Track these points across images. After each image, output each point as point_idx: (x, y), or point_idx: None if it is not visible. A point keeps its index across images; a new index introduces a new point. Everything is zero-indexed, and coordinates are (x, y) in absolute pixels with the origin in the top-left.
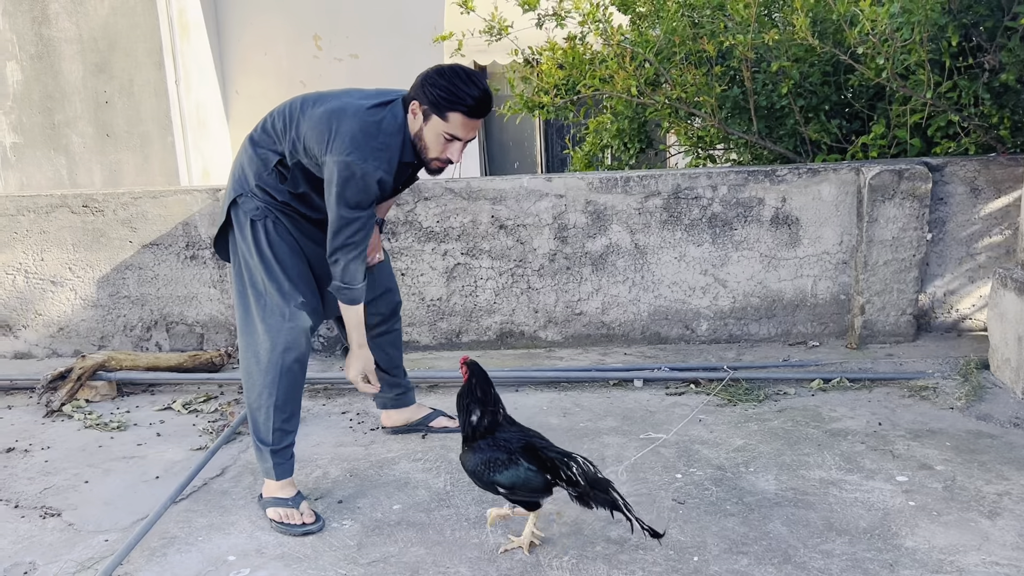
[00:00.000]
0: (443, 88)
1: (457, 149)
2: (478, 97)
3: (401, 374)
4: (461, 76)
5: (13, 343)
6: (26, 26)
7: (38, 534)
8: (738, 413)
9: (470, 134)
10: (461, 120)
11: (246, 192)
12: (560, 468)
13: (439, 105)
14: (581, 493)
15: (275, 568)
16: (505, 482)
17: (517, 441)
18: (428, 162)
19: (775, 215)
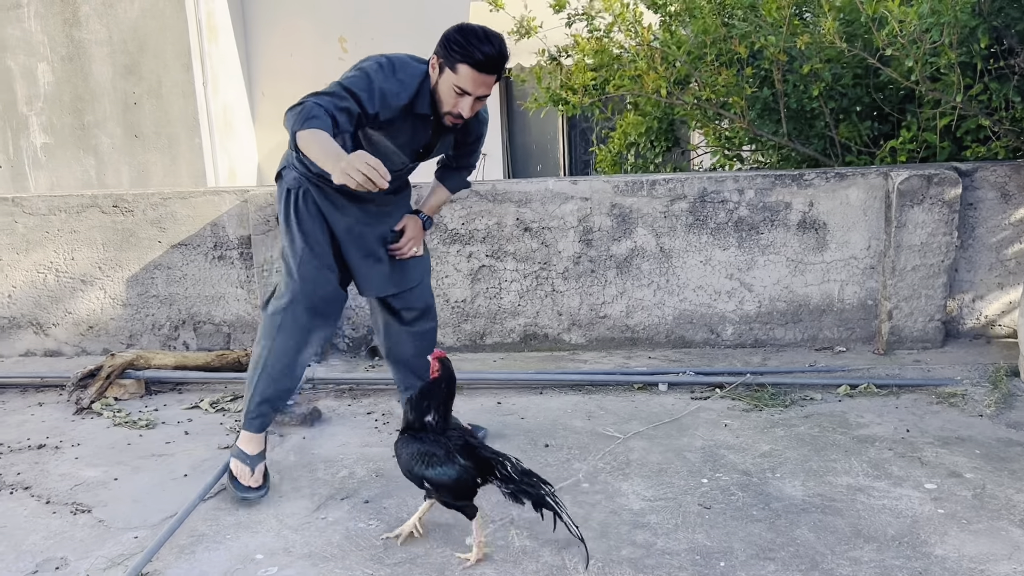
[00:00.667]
0: (456, 42)
1: (467, 104)
2: (488, 53)
3: (425, 375)
4: (477, 33)
5: (44, 341)
6: (57, 28)
7: (69, 530)
8: (764, 418)
9: (479, 89)
10: (470, 74)
11: (289, 164)
12: (495, 467)
13: (451, 57)
14: (514, 489)
15: (302, 567)
16: (435, 477)
17: (457, 440)
18: (442, 116)
19: (802, 219)
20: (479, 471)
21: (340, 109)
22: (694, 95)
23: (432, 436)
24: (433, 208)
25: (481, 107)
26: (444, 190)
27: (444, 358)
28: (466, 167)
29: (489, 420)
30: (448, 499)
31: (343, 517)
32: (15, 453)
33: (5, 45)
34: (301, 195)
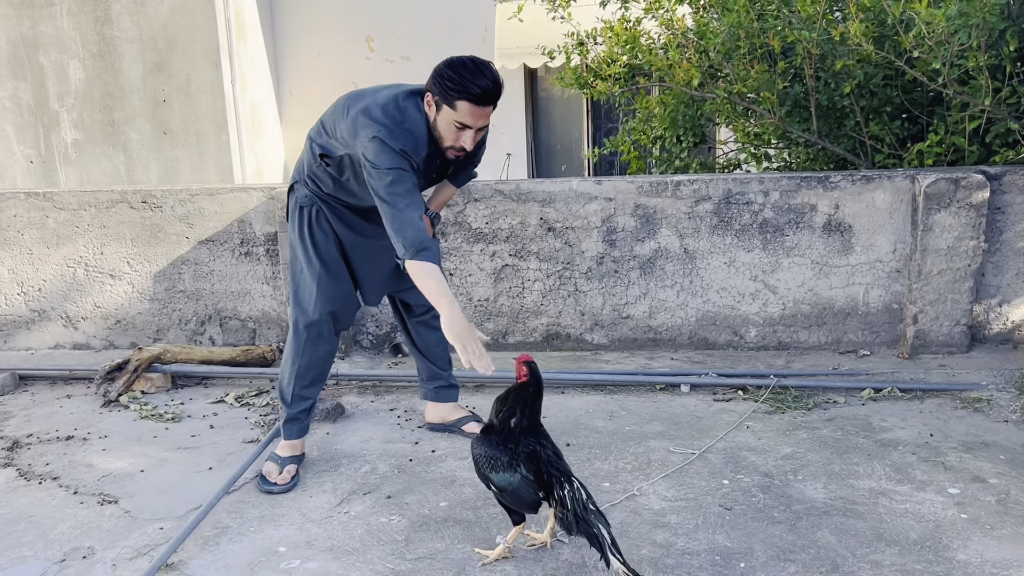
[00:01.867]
0: (450, 78)
1: (469, 137)
2: (484, 86)
3: (444, 367)
4: (468, 66)
5: (72, 334)
6: (89, 26)
7: (96, 520)
8: (786, 421)
9: (479, 122)
10: (469, 108)
11: (301, 180)
12: (554, 487)
13: (447, 95)
14: (564, 516)
15: (324, 560)
16: (498, 482)
17: (526, 447)
18: (444, 150)
19: (827, 222)
20: (540, 485)
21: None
22: (726, 88)
23: (503, 440)
24: (440, 204)
25: (481, 136)
26: (451, 186)
27: (531, 362)
28: (472, 164)
29: None
30: (510, 504)
31: (365, 512)
32: (44, 444)
33: (38, 42)
34: (314, 214)
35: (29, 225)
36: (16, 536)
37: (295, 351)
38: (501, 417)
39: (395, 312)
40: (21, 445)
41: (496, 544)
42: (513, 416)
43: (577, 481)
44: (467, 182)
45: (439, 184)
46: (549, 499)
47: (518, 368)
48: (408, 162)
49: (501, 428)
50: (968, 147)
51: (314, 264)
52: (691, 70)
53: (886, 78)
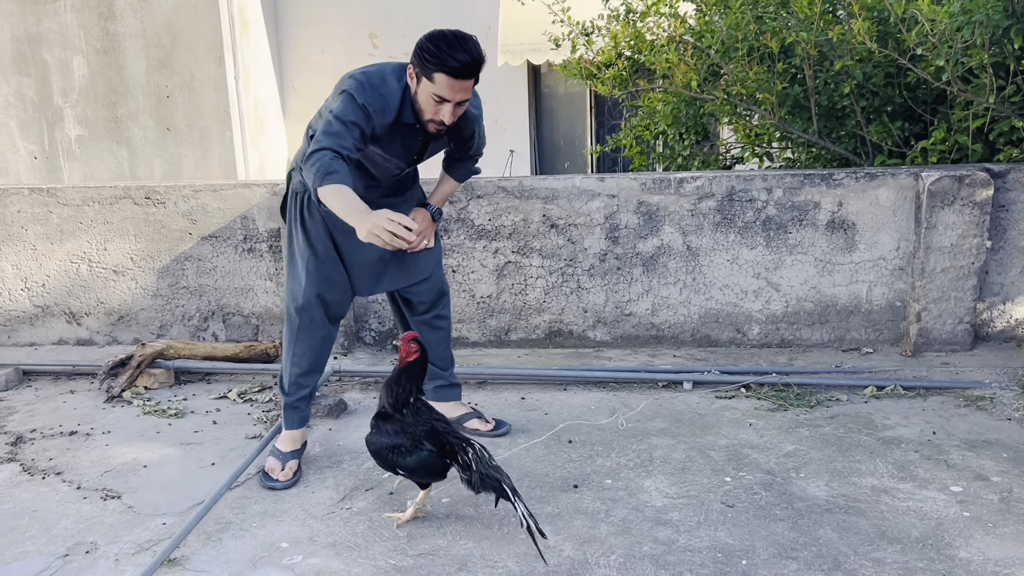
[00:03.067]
0: (429, 51)
1: (448, 111)
2: (462, 60)
3: (445, 366)
4: (448, 39)
5: (76, 330)
6: (92, 21)
7: (99, 515)
8: (789, 418)
9: (457, 95)
10: (446, 81)
11: (297, 167)
12: (457, 453)
13: (426, 67)
14: (470, 478)
15: (326, 556)
16: (407, 465)
17: (422, 425)
18: (424, 124)
19: (831, 219)
20: (444, 455)
21: (353, 147)
22: (724, 90)
23: (395, 426)
24: (441, 199)
25: (462, 111)
26: (451, 181)
27: (417, 337)
28: (471, 158)
29: (513, 415)
30: (421, 479)
31: (367, 508)
32: (47, 439)
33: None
34: (306, 200)
35: (33, 221)
36: (19, 531)
37: (289, 338)
38: (397, 400)
39: (395, 311)
40: (25, 440)
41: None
42: (410, 395)
43: (477, 443)
44: (468, 177)
45: (440, 177)
46: (454, 464)
47: (405, 347)
48: (367, 120)
49: (395, 411)
50: (972, 145)
51: (304, 250)
52: (689, 72)
53: (887, 77)
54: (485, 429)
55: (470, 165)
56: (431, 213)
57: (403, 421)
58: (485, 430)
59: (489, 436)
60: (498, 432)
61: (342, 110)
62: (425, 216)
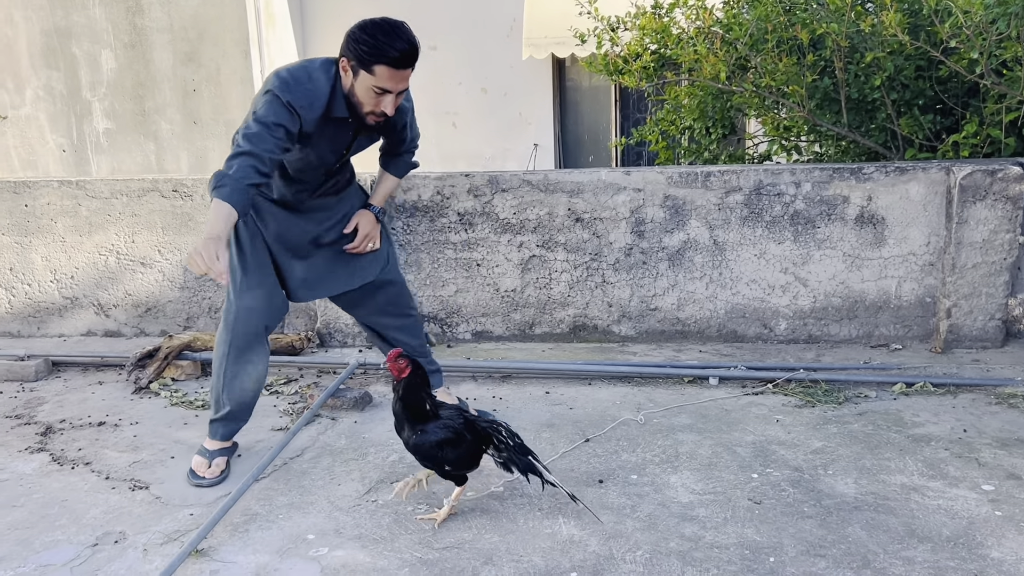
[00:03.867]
0: (366, 43)
1: (390, 102)
2: (402, 48)
3: (425, 355)
4: (384, 29)
5: (104, 321)
6: (121, 15)
7: (127, 505)
8: (817, 415)
9: (400, 85)
10: (388, 72)
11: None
12: (492, 435)
13: (364, 60)
14: (505, 460)
15: (352, 548)
16: (455, 458)
17: (458, 418)
18: (363, 116)
19: (860, 214)
20: (480, 442)
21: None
22: (753, 82)
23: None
24: (383, 198)
25: (401, 100)
26: (391, 177)
27: (401, 353)
28: (408, 151)
29: (537, 409)
30: (462, 471)
31: (393, 500)
32: (76, 429)
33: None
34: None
35: (62, 213)
36: (49, 520)
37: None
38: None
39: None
40: (54, 430)
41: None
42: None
43: (503, 423)
44: (407, 171)
45: (379, 175)
46: (488, 448)
47: (395, 368)
48: (292, 119)
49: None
50: (1004, 139)
51: (240, 264)
52: (718, 64)
53: (918, 70)
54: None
55: (407, 159)
56: (375, 214)
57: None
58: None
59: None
60: None
61: (264, 112)
62: (369, 218)
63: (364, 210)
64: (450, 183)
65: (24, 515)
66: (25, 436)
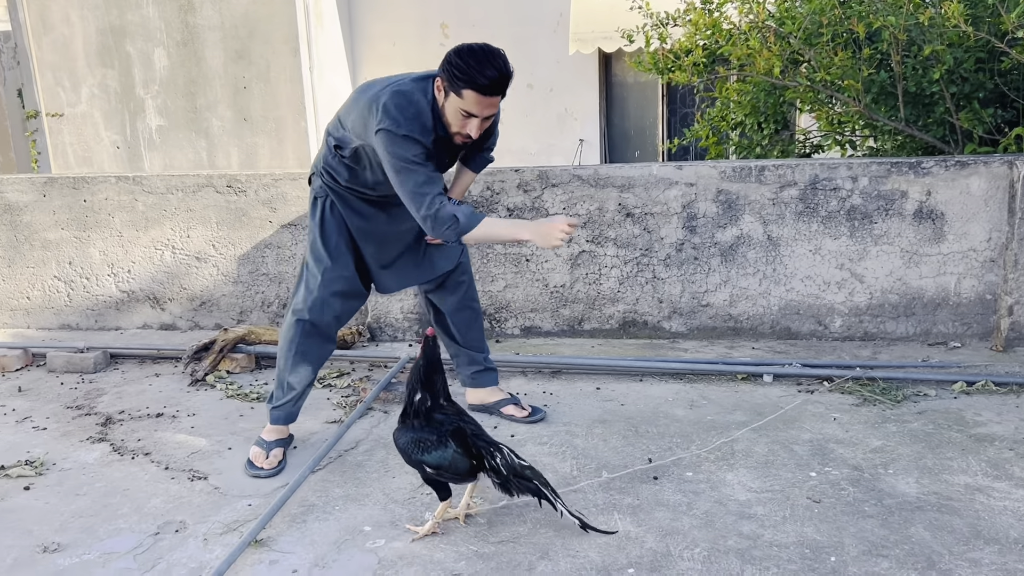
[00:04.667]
0: (458, 67)
1: (475, 125)
2: (491, 76)
3: (481, 350)
4: (477, 55)
5: (160, 315)
6: (173, 14)
7: (187, 495)
8: (875, 413)
9: (485, 111)
10: (475, 98)
11: (317, 171)
12: (485, 457)
13: (454, 82)
14: (503, 481)
15: (408, 540)
16: (432, 462)
17: (449, 424)
18: (452, 136)
19: (918, 209)
20: (470, 457)
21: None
22: (807, 76)
23: (422, 422)
24: (460, 192)
25: (488, 125)
26: (469, 172)
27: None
28: (487, 148)
29: (588, 405)
30: (449, 478)
31: None
32: (135, 420)
33: (125, 31)
34: (328, 205)
35: (119, 208)
36: (112, 508)
37: (287, 339)
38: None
39: (427, 304)
40: (114, 421)
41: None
42: (416, 394)
43: (506, 447)
44: (484, 167)
45: (457, 170)
46: (482, 468)
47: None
48: (418, 145)
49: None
50: None
51: (320, 255)
52: (772, 59)
53: (978, 62)
54: (520, 416)
55: (486, 155)
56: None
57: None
58: (520, 416)
59: (525, 423)
60: (533, 419)
61: (404, 155)
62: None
63: None
64: (499, 178)
65: (87, 503)
66: (86, 426)
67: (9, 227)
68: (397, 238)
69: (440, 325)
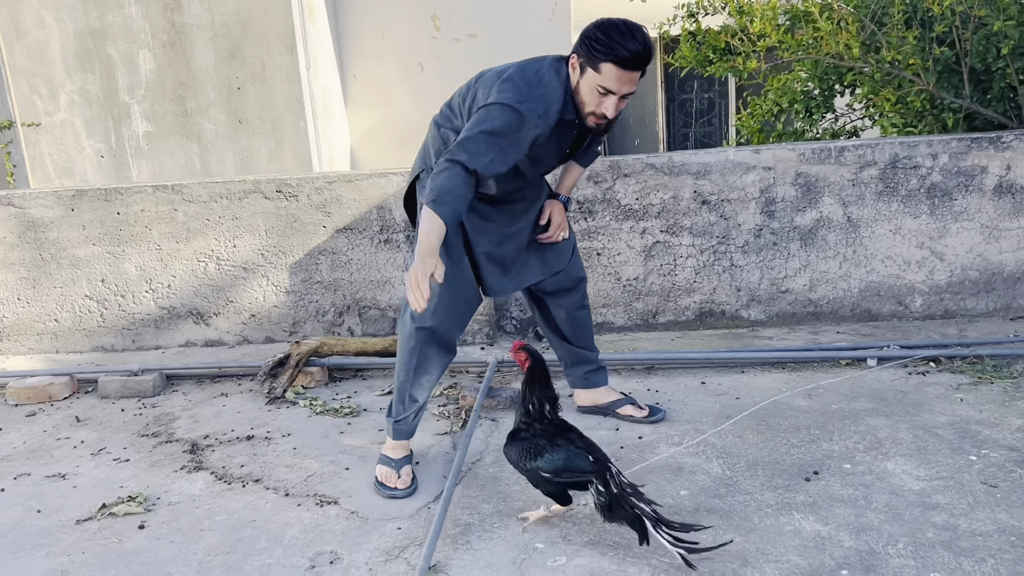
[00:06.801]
0: (598, 39)
1: (612, 104)
2: (633, 49)
3: (592, 348)
4: (620, 28)
5: (204, 331)
6: (158, 13)
7: (323, 522)
8: (998, 391)
9: (624, 87)
10: (614, 72)
11: (428, 168)
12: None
13: (593, 56)
14: (611, 500)
15: (590, 555)
16: (549, 466)
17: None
18: (585, 117)
19: (998, 184)
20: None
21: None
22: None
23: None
24: (569, 187)
25: (625, 105)
26: (577, 167)
27: (524, 345)
28: (597, 141)
29: (701, 400)
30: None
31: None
32: (227, 445)
33: (106, 33)
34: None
35: (157, 220)
36: (248, 543)
37: (404, 352)
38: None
39: (533, 303)
40: (201, 447)
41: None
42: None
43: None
44: (592, 160)
45: (564, 165)
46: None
47: (516, 357)
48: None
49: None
50: None
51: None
52: (850, 39)
53: None
54: (640, 415)
55: (595, 148)
56: (563, 203)
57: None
58: (640, 416)
59: (646, 423)
60: (653, 419)
61: (492, 124)
62: (559, 208)
63: (554, 200)
64: None
65: (218, 539)
66: (173, 455)
67: (34, 245)
68: (512, 236)
69: (549, 325)
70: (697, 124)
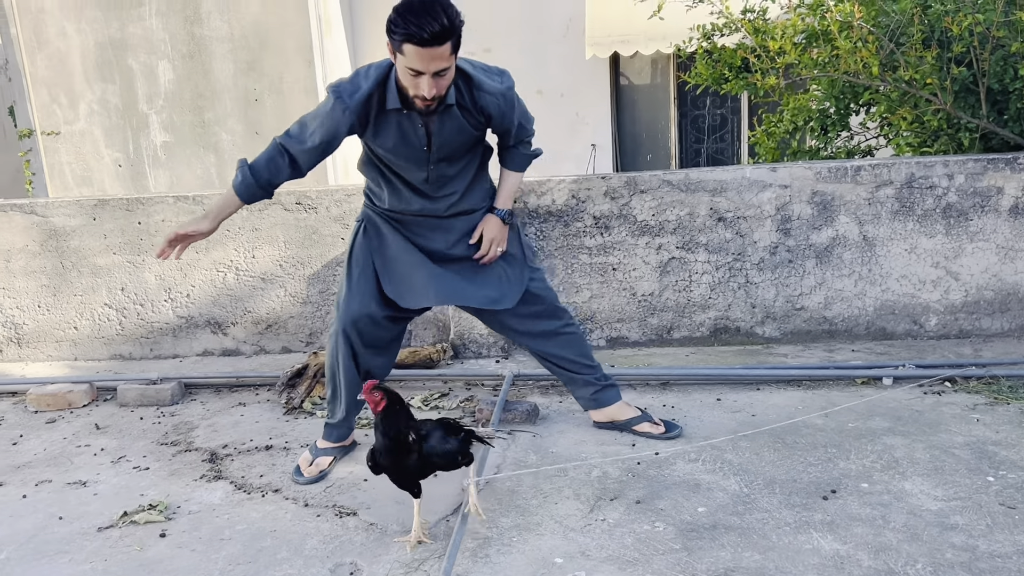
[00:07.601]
0: (394, 22)
1: (425, 83)
2: (428, 27)
3: (593, 368)
4: (414, 8)
5: (222, 340)
6: (178, 26)
7: (343, 533)
8: (1014, 412)
9: (431, 65)
10: (415, 51)
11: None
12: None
13: (394, 39)
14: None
15: (610, 572)
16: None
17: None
18: (412, 101)
19: (1014, 204)
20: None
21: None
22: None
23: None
24: (507, 198)
25: (446, 82)
26: (511, 173)
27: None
28: (521, 142)
29: (718, 417)
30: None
31: (623, 519)
32: (246, 455)
33: (127, 44)
34: (362, 229)
35: None
36: (268, 553)
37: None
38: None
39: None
40: (220, 457)
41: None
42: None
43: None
44: (528, 163)
45: (500, 175)
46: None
47: (370, 399)
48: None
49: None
50: None
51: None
52: (869, 58)
53: None
54: (657, 432)
55: (523, 150)
56: (500, 217)
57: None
58: (657, 433)
59: (663, 439)
60: (671, 435)
61: (315, 109)
62: (494, 222)
63: (488, 214)
64: (585, 186)
65: (238, 549)
66: (192, 464)
67: (55, 253)
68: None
69: (539, 356)
70: (709, 140)
